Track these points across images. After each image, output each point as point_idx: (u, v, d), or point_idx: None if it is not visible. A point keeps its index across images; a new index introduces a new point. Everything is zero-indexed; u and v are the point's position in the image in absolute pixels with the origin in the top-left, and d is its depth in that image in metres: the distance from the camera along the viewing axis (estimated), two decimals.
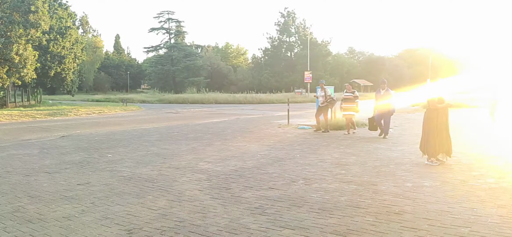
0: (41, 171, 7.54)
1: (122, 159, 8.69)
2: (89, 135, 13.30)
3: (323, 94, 12.96)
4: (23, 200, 5.60)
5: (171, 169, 7.55)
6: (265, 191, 5.85)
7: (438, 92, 7.80)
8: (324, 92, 12.97)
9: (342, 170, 7.19)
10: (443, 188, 5.87)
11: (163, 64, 70.81)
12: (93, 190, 6.09)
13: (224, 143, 10.87)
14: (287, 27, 72.89)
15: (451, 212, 4.75)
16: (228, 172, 7.21)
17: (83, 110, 25.55)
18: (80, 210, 5.10)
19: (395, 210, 4.86)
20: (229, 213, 4.88)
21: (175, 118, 21.16)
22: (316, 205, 5.12)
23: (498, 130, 12.75)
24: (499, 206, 4.97)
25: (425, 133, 7.75)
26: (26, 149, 10.30)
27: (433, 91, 7.79)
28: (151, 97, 47.18)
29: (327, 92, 12.97)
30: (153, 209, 5.10)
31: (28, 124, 18.25)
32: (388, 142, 10.64)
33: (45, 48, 30.27)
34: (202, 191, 5.92)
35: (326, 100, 12.89)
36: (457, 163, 7.60)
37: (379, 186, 6.04)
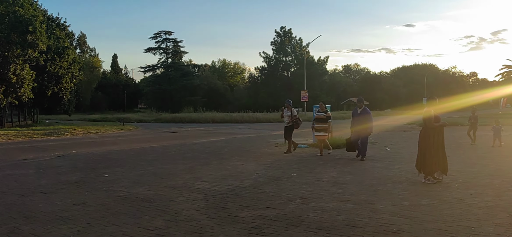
0: (37, 191, 7.48)
1: (119, 178, 8.65)
2: (86, 155, 13.25)
3: (289, 114, 12.69)
4: (18, 220, 5.54)
5: (168, 188, 7.51)
6: (262, 211, 5.83)
7: (434, 110, 7.86)
8: (291, 112, 12.71)
9: (339, 189, 7.18)
10: (441, 206, 5.87)
11: (160, 84, 70.99)
12: (89, 210, 6.04)
13: (221, 162, 10.85)
14: (284, 46, 73.58)
15: (449, 231, 4.74)
16: (225, 191, 7.18)
17: (80, 130, 25.47)
18: (76, 230, 5.05)
19: (392, 229, 4.84)
20: (226, 233, 4.84)
21: (172, 137, 21.13)
22: (314, 225, 5.10)
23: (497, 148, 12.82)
24: (497, 224, 4.97)
25: (422, 152, 7.78)
26: (22, 169, 10.23)
27: (429, 109, 7.84)
28: (148, 117, 47.16)
29: (293, 112, 12.77)
30: (150, 229, 5.05)
31: (25, 144, 18.15)
32: (384, 161, 10.66)
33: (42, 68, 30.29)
34: (199, 211, 5.89)
35: (292, 120, 12.62)
36: (454, 181, 7.61)
37: (377, 205, 6.03)
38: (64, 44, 35.17)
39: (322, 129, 11.78)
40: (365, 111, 10.85)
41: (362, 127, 10.64)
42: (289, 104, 12.90)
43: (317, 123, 11.89)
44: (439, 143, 7.71)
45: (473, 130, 14.36)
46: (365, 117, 10.74)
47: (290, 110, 12.73)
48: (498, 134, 13.33)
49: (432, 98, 8.11)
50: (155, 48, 74.26)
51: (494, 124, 13.70)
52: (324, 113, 11.88)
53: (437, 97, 8.13)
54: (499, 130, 13.37)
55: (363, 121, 10.68)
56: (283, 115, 12.97)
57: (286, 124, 12.79)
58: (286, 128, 12.79)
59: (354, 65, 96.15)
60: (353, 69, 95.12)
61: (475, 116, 14.63)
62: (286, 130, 12.80)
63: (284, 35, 73.87)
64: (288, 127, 12.71)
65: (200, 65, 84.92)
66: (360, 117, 10.79)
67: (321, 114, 11.89)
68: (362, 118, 10.74)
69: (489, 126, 13.93)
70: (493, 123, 13.93)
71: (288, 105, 12.82)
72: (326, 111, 11.96)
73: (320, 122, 11.84)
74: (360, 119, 10.77)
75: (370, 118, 10.76)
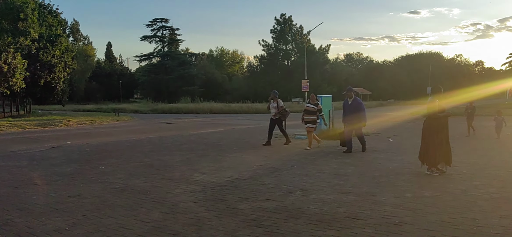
0: (30, 183, 7.50)
1: (114, 170, 8.67)
2: (80, 146, 13.26)
3: (276, 105, 12.45)
4: (12, 213, 5.56)
5: (165, 180, 7.53)
6: (262, 203, 5.86)
7: (439, 100, 7.85)
8: (277, 103, 12.46)
9: (341, 181, 7.22)
10: (444, 198, 5.90)
11: (156, 73, 70.91)
12: (84, 202, 6.06)
13: (220, 154, 10.87)
14: (284, 34, 73.35)
15: (452, 223, 4.77)
16: (224, 183, 7.21)
17: (74, 120, 25.45)
18: (71, 223, 5.08)
19: (394, 222, 4.87)
20: (224, 226, 4.87)
21: (168, 128, 21.14)
22: (314, 217, 5.13)
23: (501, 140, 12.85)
24: (502, 216, 5.00)
25: (425, 143, 7.79)
26: (15, 161, 10.24)
27: (434, 100, 7.84)
28: (144, 107, 47.16)
29: (279, 103, 12.48)
30: (146, 221, 5.08)
31: (17, 134, 18.14)
32: (387, 152, 10.69)
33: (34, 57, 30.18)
34: (196, 203, 5.91)
35: (278, 112, 12.42)
36: (458, 172, 7.65)
37: (378, 196, 6.06)
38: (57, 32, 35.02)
39: (310, 121, 11.54)
40: (355, 101, 10.57)
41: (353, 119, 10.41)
42: (275, 95, 12.61)
43: (306, 114, 11.66)
44: (444, 134, 7.71)
45: (469, 121, 14.23)
46: (357, 107, 10.48)
47: (276, 102, 12.48)
48: (500, 127, 13.17)
49: (436, 88, 8.11)
50: (150, 36, 74.04)
51: (496, 115, 13.55)
52: (315, 106, 11.63)
53: (442, 87, 8.14)
54: (501, 122, 13.20)
55: (355, 111, 10.43)
56: (270, 107, 12.71)
57: (272, 116, 12.57)
58: (272, 120, 12.54)
59: (357, 54, 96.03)
60: (356, 58, 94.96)
61: (472, 106, 14.49)
62: (272, 122, 12.54)
63: (284, 23, 73.62)
64: (275, 120, 12.50)
65: (197, 54, 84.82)
66: (351, 108, 10.52)
67: (311, 106, 11.64)
68: (353, 109, 10.48)
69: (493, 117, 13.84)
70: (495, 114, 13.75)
71: (274, 97, 12.55)
72: (317, 104, 11.71)
73: (309, 114, 11.61)
74: (351, 110, 10.51)
75: (362, 108, 10.51)
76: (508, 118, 14.47)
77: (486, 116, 17.59)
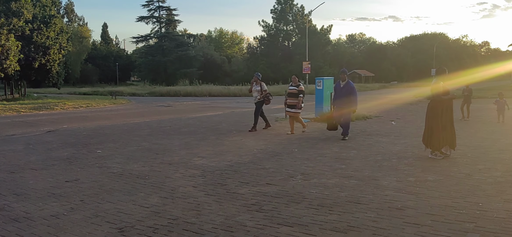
0: (26, 167, 7.53)
1: (112, 154, 8.70)
2: (77, 130, 13.28)
3: (259, 89, 12.09)
4: (9, 198, 5.60)
5: (164, 165, 7.56)
6: (262, 187, 5.89)
7: (443, 82, 7.82)
8: (260, 86, 12.11)
9: (342, 165, 7.24)
10: (447, 182, 5.93)
11: (153, 55, 70.52)
12: (82, 187, 6.10)
13: (219, 138, 10.89)
14: (284, 14, 72.74)
15: (456, 207, 4.80)
16: (223, 167, 7.23)
17: (70, 104, 25.44)
18: (68, 208, 5.11)
19: (397, 206, 4.90)
20: (224, 210, 4.91)
21: (167, 111, 21.14)
22: (315, 201, 5.16)
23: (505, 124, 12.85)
24: (506, 200, 5.02)
25: (429, 126, 7.79)
26: (10, 145, 10.27)
27: (438, 81, 7.80)
28: (141, 90, 47.01)
29: (262, 86, 12.14)
30: (145, 206, 5.12)
31: (12, 118, 18.15)
32: (390, 135, 10.71)
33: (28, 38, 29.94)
34: (196, 188, 5.94)
35: (262, 96, 12.09)
36: (462, 156, 7.67)
37: (381, 181, 6.09)
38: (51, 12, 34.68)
39: (292, 105, 11.21)
40: (348, 84, 10.21)
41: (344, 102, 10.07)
42: (258, 77, 12.29)
43: (289, 98, 11.30)
44: (448, 117, 7.71)
45: (466, 104, 14.07)
46: (349, 91, 10.12)
47: (260, 84, 12.14)
48: (502, 110, 13.03)
49: (441, 70, 8.06)
50: (147, 16, 73.31)
51: (497, 98, 13.42)
52: (296, 87, 11.20)
53: (446, 69, 8.10)
54: (503, 105, 13.04)
55: (346, 95, 10.11)
56: (252, 90, 12.37)
57: (255, 100, 12.25)
58: (256, 104, 12.24)
59: (359, 35, 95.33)
60: (358, 38, 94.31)
61: (469, 89, 14.29)
62: (257, 106, 12.23)
63: (285, 3, 72.91)
64: (258, 103, 12.19)
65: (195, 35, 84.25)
66: (342, 91, 10.17)
67: (293, 88, 11.22)
68: (345, 92, 10.13)
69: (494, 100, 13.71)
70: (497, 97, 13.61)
71: (257, 79, 12.22)
72: (298, 85, 11.26)
73: (291, 97, 11.24)
74: (342, 93, 10.16)
75: (354, 92, 10.14)
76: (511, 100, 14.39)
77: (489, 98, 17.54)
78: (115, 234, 4.23)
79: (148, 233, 4.23)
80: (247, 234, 4.17)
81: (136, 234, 4.23)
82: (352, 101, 10.08)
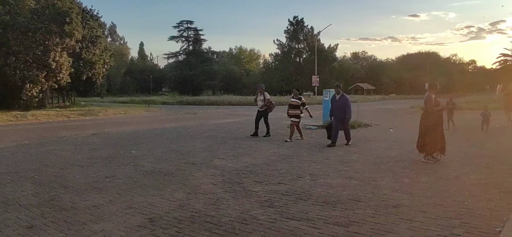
0: (74, 164, 7.67)
1: (145, 155, 8.79)
2: (116, 133, 13.49)
3: (262, 98, 11.84)
4: (58, 190, 5.71)
5: (188, 164, 7.60)
6: (274, 186, 5.86)
7: (435, 95, 7.72)
8: (264, 96, 11.85)
9: (345, 167, 7.17)
10: (438, 183, 5.82)
11: (182, 69, 71.28)
12: (118, 182, 6.18)
13: (237, 142, 10.91)
14: (296, 34, 72.57)
15: (444, 205, 4.71)
16: (240, 168, 7.23)
17: (111, 111, 25.90)
18: (107, 200, 5.19)
19: (393, 204, 4.83)
20: (240, 205, 4.90)
21: (192, 118, 21.30)
22: (321, 199, 5.12)
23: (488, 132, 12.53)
24: (489, 200, 4.91)
25: (422, 133, 7.68)
26: (61, 145, 10.50)
27: (430, 94, 7.70)
28: (171, 99, 47.48)
29: (266, 96, 11.88)
30: (172, 200, 5.16)
31: (63, 123, 18.59)
32: (388, 141, 10.56)
33: (78, 55, 30.63)
34: (216, 185, 5.96)
35: (265, 104, 11.80)
36: (451, 161, 7.52)
37: (379, 181, 6.01)
38: (97, 33, 35.43)
39: (293, 115, 10.97)
40: (342, 97, 10.07)
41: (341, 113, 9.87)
42: (262, 88, 12.12)
43: (290, 109, 11.08)
44: (438, 125, 7.61)
45: (449, 116, 13.52)
46: (343, 103, 9.96)
47: (263, 94, 11.91)
48: (487, 120, 12.67)
49: (433, 84, 7.95)
50: (177, 36, 74.34)
51: (483, 110, 13.03)
52: (298, 100, 11.04)
53: (437, 83, 7.98)
54: (487, 116, 12.70)
55: (341, 107, 9.94)
56: (257, 100, 12.09)
57: (259, 108, 11.98)
58: (259, 112, 11.97)
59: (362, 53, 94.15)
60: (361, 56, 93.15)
61: (452, 102, 13.84)
62: (259, 114, 11.98)
63: (297, 24, 72.75)
64: (261, 111, 11.91)
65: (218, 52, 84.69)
66: (338, 103, 10.02)
67: (294, 101, 11.05)
68: (340, 104, 9.98)
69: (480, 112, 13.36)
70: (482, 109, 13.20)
71: (261, 89, 12.03)
72: (300, 98, 11.12)
73: (292, 108, 11.05)
74: (338, 105, 10.01)
75: (348, 104, 10.00)
76: (495, 112, 14.04)
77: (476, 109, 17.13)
78: (145, 223, 4.28)
79: (174, 224, 4.26)
80: (259, 226, 4.16)
81: (163, 224, 4.27)
82: (347, 112, 9.94)
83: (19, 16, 24.89)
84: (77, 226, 4.22)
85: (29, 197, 5.33)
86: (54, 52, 25.94)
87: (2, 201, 5.16)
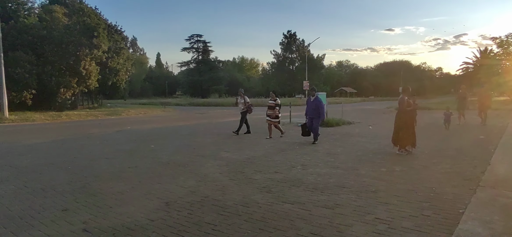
0: (102, 157, 7.67)
1: (162, 148, 8.78)
2: (137, 130, 13.48)
3: (243, 101, 11.40)
4: (89, 178, 5.71)
5: (199, 157, 7.59)
6: (271, 174, 5.86)
7: (407, 97, 7.72)
8: (244, 99, 11.41)
9: (332, 158, 7.16)
10: (410, 172, 5.82)
11: (193, 76, 71.12)
12: (139, 171, 6.17)
13: (239, 137, 10.90)
14: (290, 46, 72.51)
15: (415, 191, 4.71)
16: (242, 159, 7.23)
17: (132, 111, 25.87)
18: (130, 187, 5.19)
19: (372, 189, 4.84)
20: (242, 191, 4.91)
21: (202, 117, 21.28)
22: (311, 185, 5.12)
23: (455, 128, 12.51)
24: (453, 186, 4.91)
25: (396, 130, 7.68)
26: (91, 141, 10.50)
27: (404, 96, 7.70)
28: (183, 101, 47.50)
29: (246, 99, 11.42)
30: (185, 187, 5.16)
31: (92, 121, 18.57)
32: (368, 136, 10.55)
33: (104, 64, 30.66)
34: (222, 174, 5.95)
35: (245, 107, 11.40)
36: (421, 153, 7.52)
37: (360, 170, 6.01)
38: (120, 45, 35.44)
39: (270, 115, 10.56)
40: (316, 99, 9.54)
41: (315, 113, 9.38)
42: (242, 92, 11.65)
43: (268, 110, 10.66)
44: (410, 123, 7.62)
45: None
46: (316, 104, 9.46)
47: (243, 98, 11.43)
48: (448, 119, 12.53)
49: (406, 88, 7.94)
50: (189, 47, 74.12)
51: (445, 110, 12.90)
52: (274, 101, 10.57)
53: (410, 87, 7.98)
54: (449, 116, 12.56)
55: (315, 108, 9.44)
56: (238, 102, 11.62)
57: (241, 110, 11.53)
58: (242, 113, 11.52)
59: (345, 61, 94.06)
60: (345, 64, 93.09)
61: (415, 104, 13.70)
62: (242, 115, 11.53)
63: (290, 37, 72.69)
64: (242, 112, 11.48)
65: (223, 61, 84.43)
66: (312, 104, 9.52)
67: (271, 102, 10.59)
68: (313, 105, 9.48)
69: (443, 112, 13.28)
70: (444, 110, 13.06)
71: (241, 94, 11.58)
72: (275, 100, 10.60)
73: (270, 109, 10.64)
74: (311, 106, 9.51)
75: (321, 106, 9.53)
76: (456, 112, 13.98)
77: (440, 109, 17.14)
78: (162, 207, 4.28)
79: (186, 207, 4.27)
80: (259, 209, 4.17)
81: (177, 207, 4.27)
82: (320, 113, 9.49)
83: (54, 31, 24.89)
84: (104, 209, 4.22)
85: (63, 185, 5.34)
86: (84, 61, 25.97)
87: (41, 188, 5.17)
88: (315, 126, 9.38)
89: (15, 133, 12.96)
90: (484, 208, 3.95)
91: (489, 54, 43.85)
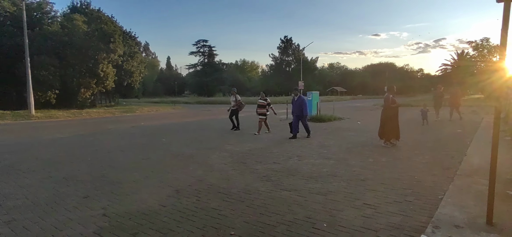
0: (118, 149, 7.67)
1: (172, 142, 8.77)
2: (150, 126, 13.47)
3: (234, 99, 11.14)
4: (106, 169, 5.72)
5: (205, 149, 7.58)
6: (270, 165, 5.86)
7: (392, 95, 7.70)
8: (235, 97, 11.14)
9: (325, 150, 7.16)
10: (394, 162, 5.81)
11: (199, 77, 71.00)
12: (152, 162, 6.17)
13: (241, 131, 10.88)
14: (286, 50, 72.28)
15: (400, 179, 4.71)
16: (245, 151, 7.22)
17: (146, 109, 25.85)
18: (144, 176, 5.19)
19: (361, 178, 4.84)
20: (245, 180, 4.91)
21: (207, 114, 21.27)
22: (306, 174, 5.12)
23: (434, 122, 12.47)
24: (433, 175, 4.91)
25: (382, 124, 7.67)
26: (107, 135, 10.50)
27: (389, 94, 7.68)
28: (191, 100, 47.38)
29: (237, 97, 11.13)
30: (193, 176, 5.16)
31: (109, 118, 18.56)
32: (357, 131, 10.53)
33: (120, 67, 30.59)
34: (226, 165, 5.95)
35: (236, 104, 11.12)
36: (404, 145, 7.51)
37: (350, 161, 6.01)
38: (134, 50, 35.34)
39: (261, 113, 10.22)
40: (300, 98, 9.25)
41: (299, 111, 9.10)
42: (234, 91, 11.36)
43: (258, 108, 10.30)
44: (395, 118, 7.60)
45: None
46: (300, 103, 9.15)
47: (235, 96, 11.13)
48: (425, 115, 12.32)
49: (391, 87, 7.92)
50: (196, 51, 73.94)
51: (422, 107, 12.71)
52: (264, 101, 10.25)
53: (394, 86, 7.95)
54: (425, 112, 12.37)
55: (299, 106, 9.15)
56: (230, 100, 11.35)
57: (232, 107, 11.24)
58: (233, 111, 11.25)
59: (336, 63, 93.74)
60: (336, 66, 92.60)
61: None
62: (232, 112, 11.27)
63: (287, 42, 72.40)
64: (234, 110, 11.23)
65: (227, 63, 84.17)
66: (296, 103, 9.22)
67: (261, 102, 10.27)
68: (298, 104, 9.19)
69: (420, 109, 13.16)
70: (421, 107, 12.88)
71: (233, 92, 11.29)
72: (266, 99, 10.29)
73: (260, 108, 10.29)
74: (296, 105, 9.21)
75: (304, 103, 9.14)
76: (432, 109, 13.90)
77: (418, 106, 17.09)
78: (173, 194, 4.29)
79: (195, 194, 4.27)
80: (260, 195, 4.17)
81: (186, 194, 4.28)
82: (304, 110, 9.10)
83: (75, 37, 24.81)
84: (121, 196, 4.22)
85: (84, 174, 5.34)
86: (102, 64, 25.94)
87: (64, 177, 5.17)
88: (304, 123, 9.17)
89: (41, 128, 12.96)
90: (460, 194, 3.95)
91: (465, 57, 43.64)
